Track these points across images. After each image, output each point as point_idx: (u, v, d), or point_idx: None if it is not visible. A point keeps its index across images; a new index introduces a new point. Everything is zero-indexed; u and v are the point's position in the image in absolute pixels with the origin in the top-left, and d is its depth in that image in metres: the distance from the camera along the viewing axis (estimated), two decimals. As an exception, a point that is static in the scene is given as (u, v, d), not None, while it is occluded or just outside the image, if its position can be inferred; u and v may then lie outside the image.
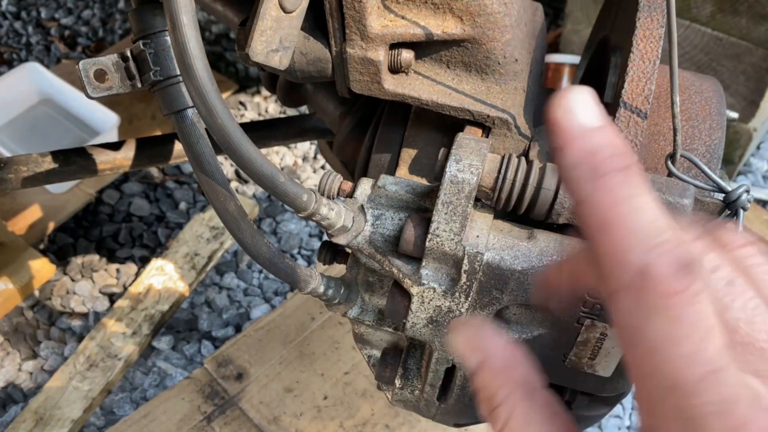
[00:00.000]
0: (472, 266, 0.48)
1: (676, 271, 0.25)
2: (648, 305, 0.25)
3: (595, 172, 0.27)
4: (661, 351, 0.25)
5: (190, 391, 1.28)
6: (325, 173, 0.54)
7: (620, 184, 0.26)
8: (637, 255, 0.25)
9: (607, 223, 0.26)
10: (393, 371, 0.56)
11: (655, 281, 0.25)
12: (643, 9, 0.56)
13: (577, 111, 0.27)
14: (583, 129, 0.27)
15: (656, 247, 0.25)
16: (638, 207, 0.26)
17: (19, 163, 0.76)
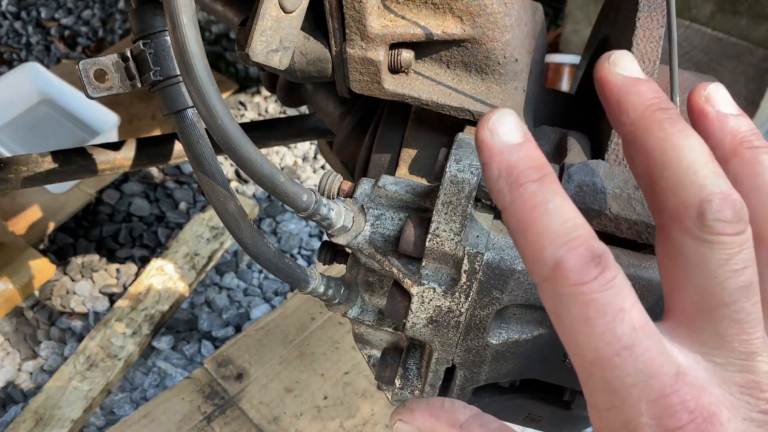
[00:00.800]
0: (472, 266, 0.48)
1: (585, 263, 0.29)
2: (564, 293, 0.29)
3: (513, 183, 0.31)
4: (581, 332, 0.29)
5: (190, 391, 1.28)
6: (325, 173, 0.54)
7: (535, 192, 0.31)
8: (550, 251, 0.29)
9: (525, 226, 0.30)
10: (393, 371, 0.56)
11: (567, 272, 0.29)
12: (643, 9, 0.56)
13: (499, 130, 0.32)
14: (503, 146, 0.32)
15: (566, 243, 0.29)
16: (551, 210, 0.30)
17: (19, 163, 0.76)
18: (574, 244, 0.29)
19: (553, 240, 0.29)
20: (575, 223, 0.30)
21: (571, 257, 0.29)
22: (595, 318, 0.29)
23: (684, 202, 0.30)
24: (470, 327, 0.52)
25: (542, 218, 0.30)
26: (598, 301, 0.29)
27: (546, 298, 0.31)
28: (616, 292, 0.29)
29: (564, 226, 0.30)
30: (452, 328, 0.52)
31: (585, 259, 0.29)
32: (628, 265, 0.49)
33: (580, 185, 0.50)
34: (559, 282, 0.29)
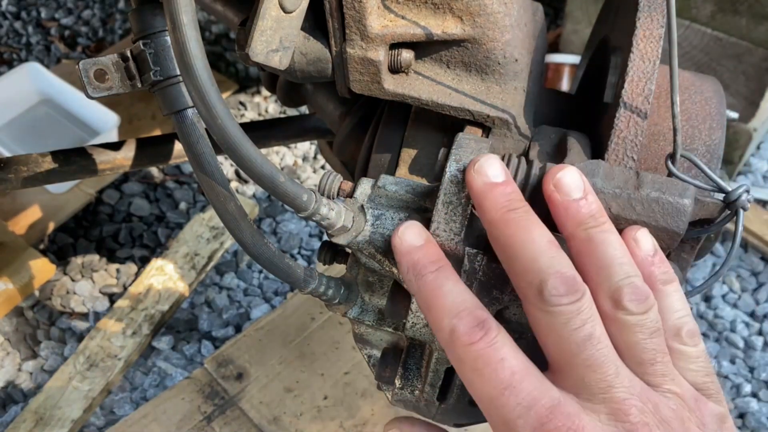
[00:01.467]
0: (472, 266, 0.48)
1: (471, 327, 0.39)
2: (460, 353, 0.39)
3: (418, 274, 0.42)
4: (476, 380, 0.38)
5: (190, 391, 1.28)
6: (325, 173, 0.54)
7: (433, 279, 0.42)
8: (446, 322, 0.40)
9: (429, 305, 0.41)
10: (393, 371, 0.56)
11: (459, 336, 0.39)
12: (643, 9, 0.56)
13: (406, 237, 0.45)
14: (410, 248, 0.44)
15: (457, 314, 0.39)
16: (446, 292, 0.41)
17: (19, 163, 0.76)
18: (463, 315, 0.39)
19: (447, 314, 0.40)
20: (463, 298, 0.40)
21: (460, 325, 0.39)
22: (483, 368, 0.38)
23: (529, 284, 0.39)
24: (470, 327, 0.52)
25: (438, 299, 0.41)
26: (484, 355, 0.38)
27: (451, 358, 0.40)
28: (498, 348, 0.38)
29: (454, 303, 0.40)
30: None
31: (471, 324, 0.39)
32: None
33: (580, 185, 0.50)
34: (455, 344, 0.39)
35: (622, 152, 0.54)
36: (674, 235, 0.49)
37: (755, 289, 1.53)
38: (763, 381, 1.39)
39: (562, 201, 0.43)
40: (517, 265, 0.41)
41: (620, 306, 0.39)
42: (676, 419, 0.38)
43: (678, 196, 0.49)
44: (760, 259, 1.57)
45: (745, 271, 1.56)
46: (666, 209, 0.49)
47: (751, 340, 1.44)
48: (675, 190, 0.49)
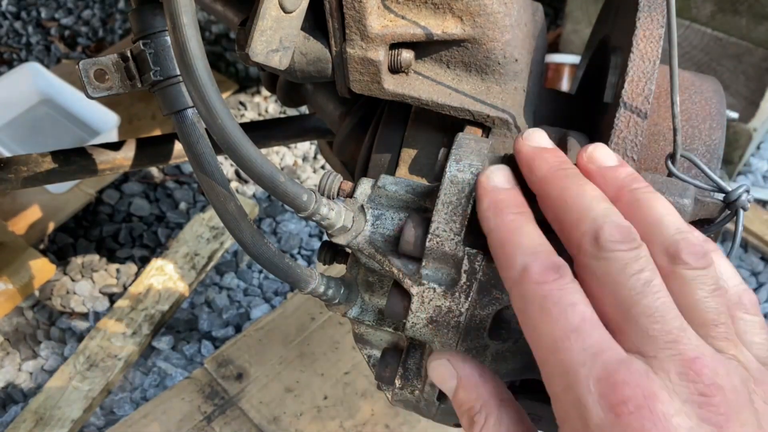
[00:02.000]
0: (472, 266, 0.48)
1: (545, 270, 0.37)
2: (528, 291, 0.37)
3: (499, 212, 0.41)
4: (540, 320, 0.36)
5: (190, 391, 1.28)
6: (325, 173, 0.54)
7: (514, 219, 0.40)
8: (520, 260, 0.38)
9: (503, 242, 0.40)
10: (393, 371, 0.56)
11: (531, 274, 0.37)
12: (643, 9, 0.56)
13: (494, 177, 0.44)
14: (495, 187, 0.43)
15: (533, 253, 0.38)
16: (525, 232, 0.39)
17: (19, 163, 0.76)
18: (540, 255, 0.37)
19: (523, 252, 0.38)
20: (542, 242, 0.39)
21: (535, 264, 0.37)
22: (551, 307, 0.36)
23: (584, 233, 0.38)
24: (470, 327, 0.52)
25: (516, 236, 0.39)
26: (554, 295, 0.36)
27: (515, 299, 0.38)
28: (570, 292, 0.36)
29: (533, 243, 0.39)
30: (452, 328, 0.52)
31: (546, 266, 0.37)
32: None
33: (580, 185, 0.50)
34: (525, 282, 0.37)
35: (622, 152, 0.54)
36: (674, 235, 0.49)
37: (755, 289, 1.53)
38: (763, 381, 1.39)
39: (599, 169, 0.43)
40: (571, 216, 0.39)
41: (678, 260, 0.37)
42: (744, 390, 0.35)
43: (678, 196, 0.49)
44: (760, 259, 1.57)
45: (745, 271, 1.56)
46: (666, 209, 0.49)
47: (751, 340, 1.44)
48: (675, 190, 0.49)
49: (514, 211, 0.41)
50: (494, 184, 0.43)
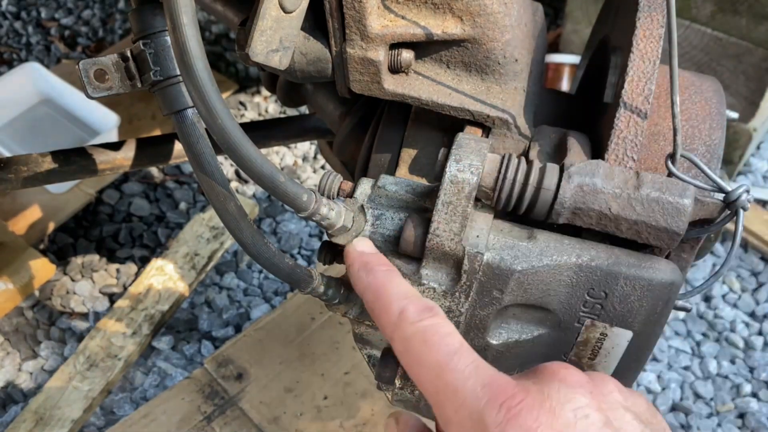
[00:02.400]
0: (472, 266, 0.48)
1: (421, 310, 0.42)
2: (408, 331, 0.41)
3: (370, 271, 0.46)
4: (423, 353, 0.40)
5: (190, 391, 1.28)
6: (325, 173, 0.54)
7: (384, 273, 0.46)
8: (396, 305, 0.43)
9: (378, 293, 0.44)
10: (393, 371, 0.56)
11: (409, 314, 0.42)
12: (643, 9, 0.56)
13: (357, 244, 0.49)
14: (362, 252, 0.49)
15: (407, 299, 0.43)
16: (397, 283, 0.45)
17: (19, 163, 0.76)
18: (413, 299, 0.43)
19: (398, 298, 0.43)
20: (413, 290, 0.44)
21: (411, 306, 0.42)
22: (431, 337, 0.40)
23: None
24: (470, 327, 0.52)
25: (390, 287, 0.44)
26: (433, 328, 0.41)
27: (397, 342, 0.42)
28: (446, 325, 0.41)
29: (405, 290, 0.44)
30: (452, 328, 0.52)
31: (421, 307, 0.42)
32: (628, 264, 0.49)
33: (580, 185, 0.50)
34: (404, 323, 0.41)
35: (622, 152, 0.54)
36: (674, 235, 0.49)
37: (755, 289, 1.53)
38: (763, 381, 1.39)
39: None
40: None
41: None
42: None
43: (678, 196, 0.49)
44: (760, 259, 1.57)
45: (745, 271, 1.56)
46: (666, 209, 0.49)
47: (751, 340, 1.44)
48: (675, 190, 0.49)
49: (383, 269, 0.46)
50: (361, 249, 0.48)
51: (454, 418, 0.38)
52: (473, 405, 0.37)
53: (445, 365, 0.39)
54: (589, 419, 0.37)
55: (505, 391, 0.37)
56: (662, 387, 1.39)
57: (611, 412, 0.39)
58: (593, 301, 0.50)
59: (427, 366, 0.39)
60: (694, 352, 1.45)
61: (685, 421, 1.34)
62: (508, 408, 0.36)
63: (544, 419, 0.36)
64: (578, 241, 0.51)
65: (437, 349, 0.39)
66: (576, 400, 0.38)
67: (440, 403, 0.39)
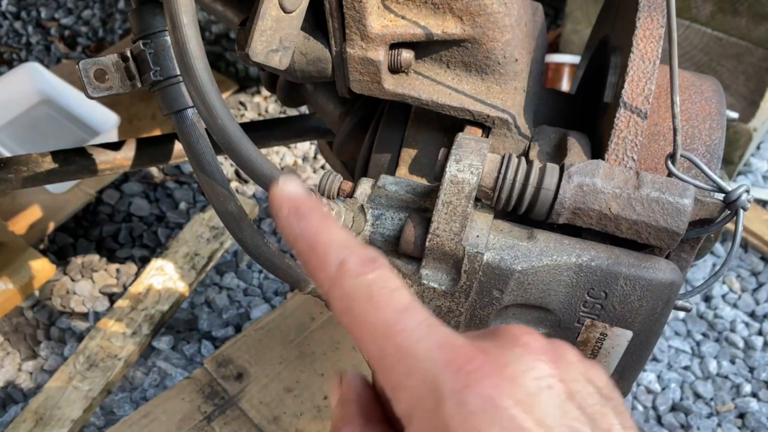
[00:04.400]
0: (472, 266, 0.48)
1: (365, 261, 0.36)
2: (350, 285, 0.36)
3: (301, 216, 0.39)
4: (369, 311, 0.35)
5: (190, 391, 1.28)
6: (325, 173, 0.54)
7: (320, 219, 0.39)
8: (334, 256, 0.37)
9: (313, 243, 0.38)
10: None
11: (350, 266, 0.36)
12: (643, 9, 0.56)
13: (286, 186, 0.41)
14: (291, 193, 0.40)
15: (347, 248, 0.37)
16: (335, 230, 0.38)
17: (19, 163, 0.76)
18: (355, 249, 0.37)
19: (336, 248, 0.37)
20: (352, 239, 0.38)
21: (352, 257, 0.36)
22: (378, 293, 0.35)
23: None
24: (470, 327, 0.52)
25: (326, 235, 0.38)
26: (379, 281, 0.35)
27: (336, 299, 0.37)
28: (393, 278, 0.36)
29: (344, 239, 0.38)
30: (452, 327, 0.52)
31: (363, 258, 0.36)
32: (628, 264, 0.49)
33: (580, 185, 0.50)
34: (345, 276, 0.36)
35: (622, 152, 0.54)
36: (674, 235, 0.49)
37: (755, 289, 1.53)
38: (763, 381, 1.39)
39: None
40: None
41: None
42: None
43: (678, 196, 0.49)
44: (760, 259, 1.57)
45: (745, 271, 1.56)
46: (666, 209, 0.49)
47: (751, 340, 1.44)
48: (675, 190, 0.49)
49: (318, 214, 0.40)
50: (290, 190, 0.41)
51: (404, 383, 0.34)
52: (427, 368, 0.33)
53: (394, 324, 0.34)
54: (552, 390, 0.34)
55: (463, 353, 0.33)
56: (662, 387, 1.39)
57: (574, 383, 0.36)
58: (593, 301, 0.50)
59: (372, 326, 0.35)
60: (694, 352, 1.45)
61: (685, 421, 1.34)
62: (466, 372, 0.33)
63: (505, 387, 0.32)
64: (578, 241, 0.51)
65: (384, 306, 0.35)
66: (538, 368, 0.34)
67: (387, 367, 0.35)
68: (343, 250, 0.37)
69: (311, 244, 0.38)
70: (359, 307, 0.35)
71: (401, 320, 0.34)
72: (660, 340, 1.44)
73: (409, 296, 0.36)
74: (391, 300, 0.35)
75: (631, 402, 1.37)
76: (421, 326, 0.34)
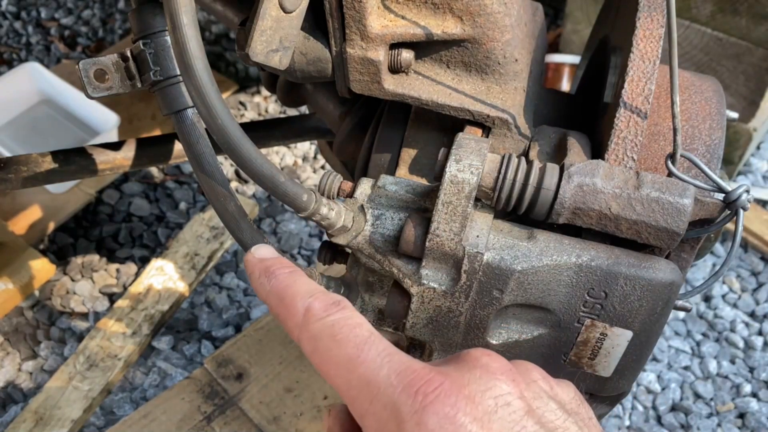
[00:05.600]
0: (472, 266, 0.48)
1: (328, 305, 0.40)
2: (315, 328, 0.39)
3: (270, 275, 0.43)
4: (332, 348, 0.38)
5: (190, 391, 1.28)
6: (325, 173, 0.54)
7: (288, 275, 0.43)
8: (300, 304, 0.40)
9: (282, 295, 0.42)
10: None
11: (315, 311, 0.40)
12: (643, 9, 0.56)
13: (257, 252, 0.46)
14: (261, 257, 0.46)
15: (312, 296, 0.40)
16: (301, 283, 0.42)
17: (19, 163, 0.76)
18: (318, 295, 0.40)
19: (302, 297, 0.41)
20: (317, 287, 0.42)
21: (316, 302, 0.40)
22: (340, 331, 0.38)
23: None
24: (470, 327, 0.52)
25: (293, 287, 0.42)
26: (341, 321, 0.39)
27: (305, 343, 0.39)
28: (355, 317, 0.39)
29: (310, 288, 0.41)
30: (452, 328, 0.52)
31: (327, 302, 0.40)
32: (628, 264, 0.49)
33: (580, 185, 0.50)
34: (311, 320, 0.39)
35: (622, 152, 0.54)
36: (674, 235, 0.49)
37: (755, 289, 1.53)
38: (763, 381, 1.39)
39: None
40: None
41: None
42: None
43: (678, 196, 0.49)
44: (760, 259, 1.57)
45: (745, 271, 1.56)
46: (666, 209, 0.49)
47: (751, 340, 1.44)
48: (675, 190, 0.49)
49: (285, 271, 0.44)
50: (261, 255, 0.46)
51: (369, 410, 0.36)
52: (387, 394, 0.35)
53: (356, 357, 0.37)
54: (510, 407, 0.35)
55: (420, 377, 0.35)
56: (662, 387, 1.39)
57: (535, 400, 0.37)
58: (593, 301, 0.50)
59: (337, 362, 0.38)
60: (694, 352, 1.45)
61: (685, 421, 1.34)
62: (424, 394, 0.34)
63: (462, 405, 0.34)
64: (578, 241, 0.51)
65: (347, 342, 0.38)
66: (497, 387, 0.36)
67: (354, 397, 0.37)
68: (308, 297, 0.40)
69: (280, 297, 0.42)
70: (324, 346, 0.38)
71: (362, 353, 0.37)
72: (660, 340, 1.44)
73: (369, 330, 0.38)
74: (352, 335, 0.38)
75: (631, 402, 1.37)
76: (380, 356, 0.37)
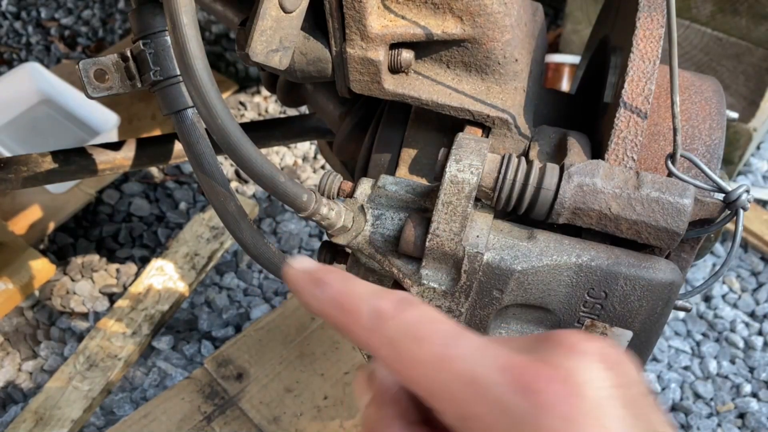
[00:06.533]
0: (472, 266, 0.48)
1: (398, 302, 0.36)
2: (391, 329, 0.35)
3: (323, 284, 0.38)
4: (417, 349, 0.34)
5: (190, 391, 1.28)
6: (325, 173, 0.54)
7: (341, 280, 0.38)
8: (367, 306, 0.36)
9: (341, 302, 0.37)
10: None
11: (386, 310, 0.35)
12: (643, 9, 0.56)
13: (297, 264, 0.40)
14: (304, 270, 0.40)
15: (377, 296, 0.36)
16: (358, 284, 0.38)
17: (19, 163, 0.76)
18: (382, 295, 0.36)
19: (366, 298, 0.36)
20: (376, 287, 0.38)
21: (383, 302, 0.36)
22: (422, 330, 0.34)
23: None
24: (470, 327, 0.52)
25: (351, 290, 0.38)
26: (419, 317, 0.35)
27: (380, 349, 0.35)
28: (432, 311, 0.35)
29: (369, 289, 0.37)
30: (452, 328, 0.52)
31: (395, 300, 0.36)
32: (628, 264, 0.49)
33: (580, 185, 0.50)
34: (384, 324, 0.35)
35: (622, 152, 0.54)
36: (674, 235, 0.49)
37: (755, 289, 1.53)
38: (763, 381, 1.39)
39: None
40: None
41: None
42: None
43: (678, 196, 0.49)
44: (760, 259, 1.57)
45: (745, 271, 1.56)
46: (666, 209, 0.49)
47: (751, 340, 1.44)
48: (675, 190, 0.49)
49: (336, 276, 0.39)
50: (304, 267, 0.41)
51: (472, 411, 0.33)
52: (494, 394, 0.32)
53: (446, 355, 0.33)
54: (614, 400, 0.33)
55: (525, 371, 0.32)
56: (662, 387, 1.39)
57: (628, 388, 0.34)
58: (593, 301, 0.50)
59: (423, 363, 0.34)
60: (694, 352, 1.44)
61: (685, 421, 1.34)
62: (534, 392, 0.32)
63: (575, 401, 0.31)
64: (578, 241, 0.51)
65: (432, 340, 0.34)
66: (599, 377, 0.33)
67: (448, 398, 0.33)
68: (372, 298, 0.36)
69: (339, 304, 0.38)
70: (406, 347, 0.34)
71: (452, 349, 0.34)
72: (660, 340, 1.44)
73: (450, 323, 0.35)
74: (435, 331, 0.34)
75: (631, 402, 1.37)
76: (474, 349, 0.33)
